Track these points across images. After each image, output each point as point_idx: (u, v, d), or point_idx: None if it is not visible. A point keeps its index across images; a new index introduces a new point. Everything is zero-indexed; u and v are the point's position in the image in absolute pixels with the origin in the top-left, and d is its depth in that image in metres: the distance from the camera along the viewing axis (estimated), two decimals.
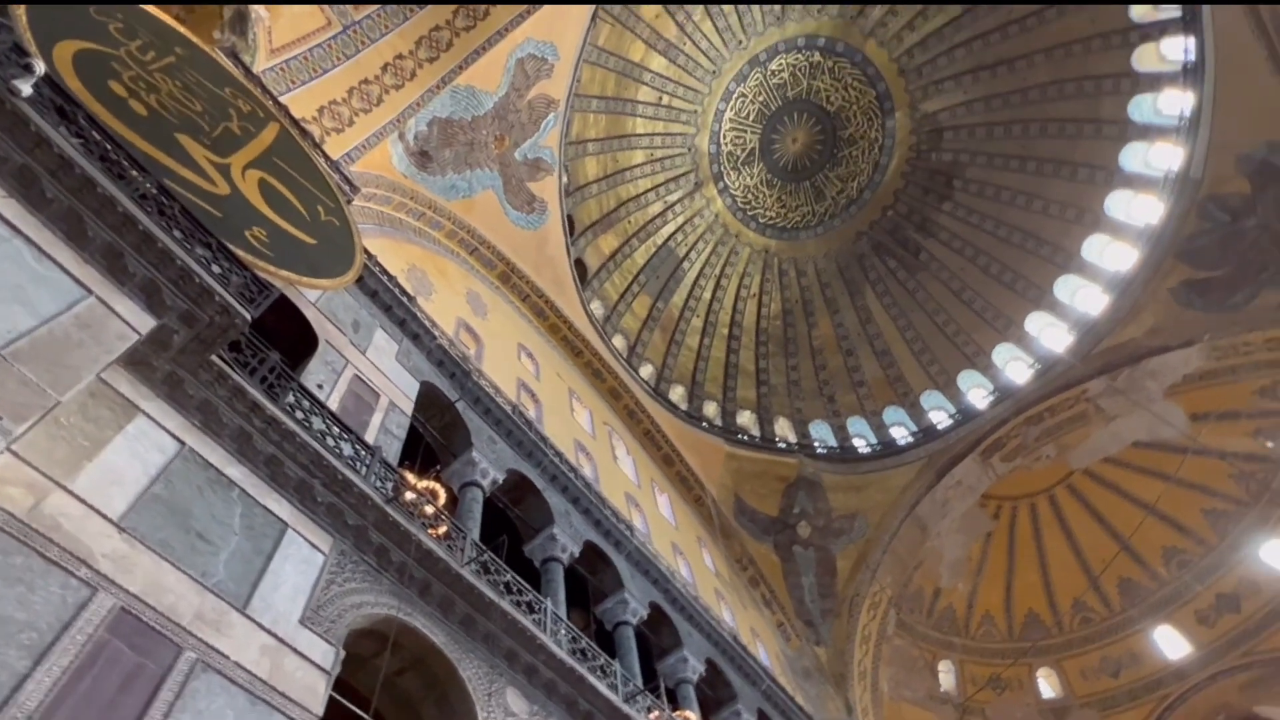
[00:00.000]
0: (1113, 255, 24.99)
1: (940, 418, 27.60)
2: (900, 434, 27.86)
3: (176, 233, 7.53)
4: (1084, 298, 25.69)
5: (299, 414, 8.77)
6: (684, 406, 26.10)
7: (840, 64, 28.77)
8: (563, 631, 10.52)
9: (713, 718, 15.05)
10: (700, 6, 25.86)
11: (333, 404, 9.79)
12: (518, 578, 10.37)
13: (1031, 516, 28.47)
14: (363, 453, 9.34)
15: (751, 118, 29.77)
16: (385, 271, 12.34)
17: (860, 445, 27.73)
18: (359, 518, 8.56)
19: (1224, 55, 20.33)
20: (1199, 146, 21.60)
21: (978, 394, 27.53)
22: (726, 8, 26.41)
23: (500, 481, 12.07)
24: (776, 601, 23.25)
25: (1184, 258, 22.76)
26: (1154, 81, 23.11)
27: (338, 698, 7.11)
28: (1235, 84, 20.40)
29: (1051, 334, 26.46)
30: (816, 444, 27.57)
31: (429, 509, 9.94)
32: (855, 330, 30.61)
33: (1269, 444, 24.59)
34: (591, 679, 9.96)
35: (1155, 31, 22.48)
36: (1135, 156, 24.45)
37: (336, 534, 8.37)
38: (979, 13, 25.23)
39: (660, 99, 27.21)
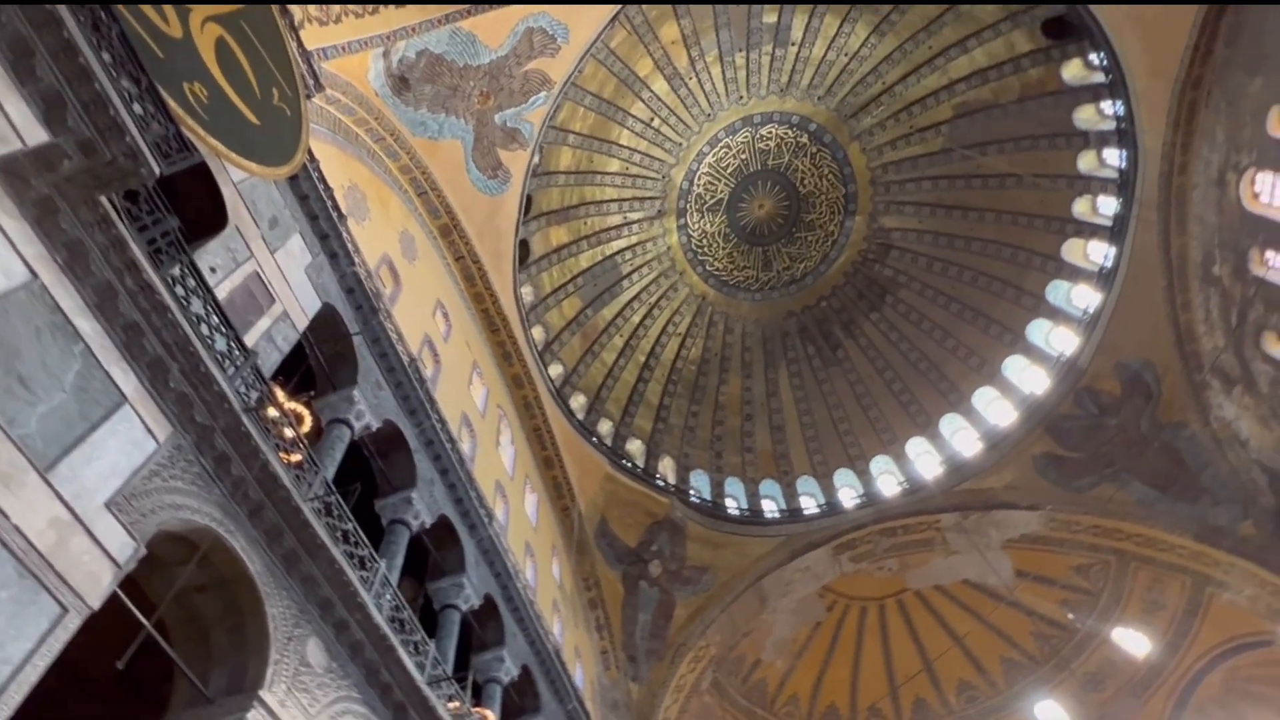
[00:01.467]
0: (996, 410, 27.41)
1: (809, 504, 28.81)
2: (770, 507, 28.75)
3: (105, 54, 6.79)
4: (962, 439, 27.97)
5: (179, 290, 8.03)
6: (581, 416, 25.88)
7: (823, 154, 30.13)
8: (388, 597, 10.01)
9: None
10: (715, 51, 26.49)
11: (221, 292, 9.04)
12: (359, 530, 9.82)
13: (860, 618, 29.87)
14: (237, 353, 8.64)
15: (729, 171, 30.56)
16: (324, 180, 11.63)
17: (731, 506, 28.34)
18: (209, 417, 7.88)
19: (1133, 274, 22.91)
20: (1092, 342, 24.22)
21: (848, 493, 29.00)
22: (739, 62, 27.18)
23: (373, 429, 11.46)
24: (608, 629, 23.14)
25: (1052, 432, 25.14)
26: (1074, 273, 25.61)
27: (122, 596, 6.41)
28: (1134, 301, 22.95)
29: (926, 461, 28.51)
30: (692, 492, 27.93)
31: (289, 432, 9.30)
32: (760, 399, 31.55)
33: (1070, 615, 27.20)
34: (401, 652, 9.49)
35: (1087, 231, 24.90)
36: (1039, 331, 27.03)
37: (179, 427, 7.64)
38: (953, 156, 27.14)
39: (652, 120, 27.47)
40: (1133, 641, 26.19)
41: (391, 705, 9.76)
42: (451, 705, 11.01)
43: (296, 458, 9.28)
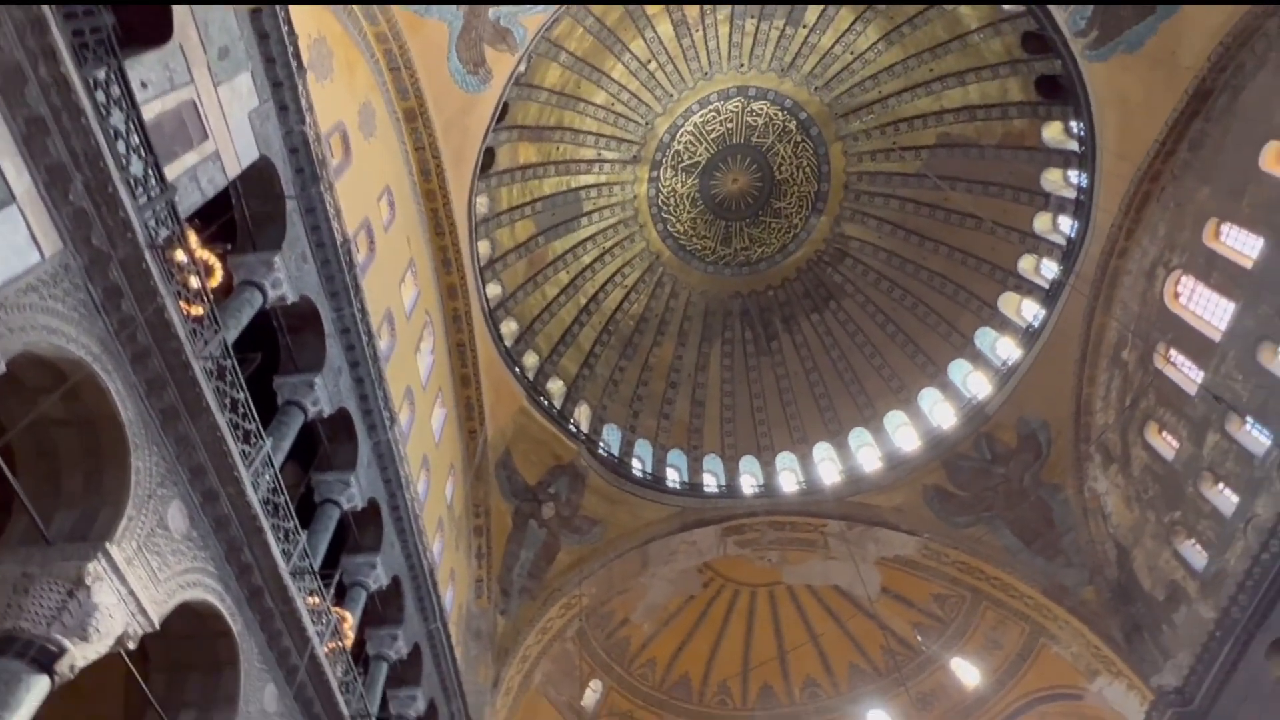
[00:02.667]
0: (903, 435, 28.89)
1: (710, 481, 29.65)
2: (673, 477, 29.33)
3: None
4: (865, 454, 29.40)
5: (100, 96, 7.26)
6: (509, 343, 25.37)
7: (806, 146, 30.22)
8: (267, 478, 9.64)
9: (369, 629, 14.64)
10: (728, 10, 25.87)
11: (148, 112, 8.21)
12: (250, 402, 9.37)
13: (731, 599, 31.17)
14: (153, 182, 7.95)
15: (713, 136, 30.22)
16: (290, 23, 10.69)
17: (636, 467, 28.73)
18: (108, 244, 7.25)
19: (1054, 339, 24.28)
20: (1003, 393, 25.76)
21: (748, 480, 29.99)
22: (748, 28, 26.69)
23: (288, 301, 10.84)
24: (488, 559, 23.22)
25: (947, 468, 26.71)
26: (1003, 324, 26.94)
27: None
28: (1049, 364, 24.38)
29: (828, 467, 29.79)
30: (602, 445, 28.11)
31: (194, 282, 8.69)
32: (688, 370, 31.91)
33: (919, 637, 29.40)
34: (270, 536, 9.20)
35: (1025, 288, 26.10)
36: (959, 371, 28.50)
37: (71, 245, 6.99)
38: (926, 183, 27.78)
39: (649, 62, 26.72)
40: (967, 672, 28.58)
41: (248, 587, 9.50)
42: (311, 600, 10.82)
43: (198, 311, 8.70)
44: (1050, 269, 24.95)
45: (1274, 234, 17.93)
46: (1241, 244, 19.08)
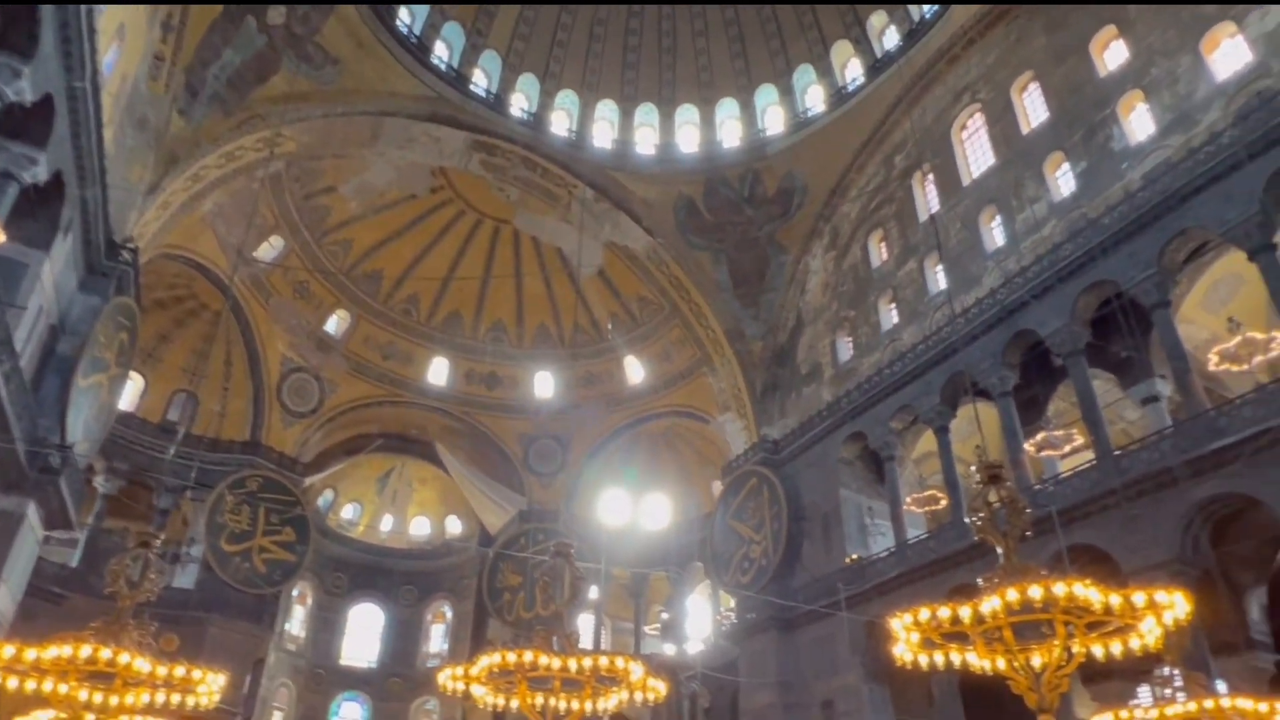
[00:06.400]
0: (685, 135, 30.81)
1: (480, 81, 28.61)
2: (441, 53, 27.44)
3: None
4: (643, 135, 30.88)
5: None
6: None
7: None
8: None
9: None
10: None
11: None
12: None
13: (454, 217, 32.21)
14: None
15: None
16: None
17: (404, 19, 25.93)
18: None
19: (854, 113, 27.07)
20: (785, 142, 28.70)
21: (519, 100, 29.50)
22: None
23: None
24: (179, 37, 19.50)
25: (708, 187, 29.47)
26: (824, 72, 28.75)
27: None
28: (838, 136, 27.38)
29: (603, 129, 30.75)
30: None
31: None
32: None
33: (610, 326, 34.49)
34: None
35: (861, 46, 27.73)
36: (766, 97, 30.57)
37: None
38: None
39: None
40: (635, 370, 34.68)
41: None
42: None
43: None
44: (891, 39, 26.38)
45: (1060, 112, 20.93)
46: (1033, 108, 22.05)
